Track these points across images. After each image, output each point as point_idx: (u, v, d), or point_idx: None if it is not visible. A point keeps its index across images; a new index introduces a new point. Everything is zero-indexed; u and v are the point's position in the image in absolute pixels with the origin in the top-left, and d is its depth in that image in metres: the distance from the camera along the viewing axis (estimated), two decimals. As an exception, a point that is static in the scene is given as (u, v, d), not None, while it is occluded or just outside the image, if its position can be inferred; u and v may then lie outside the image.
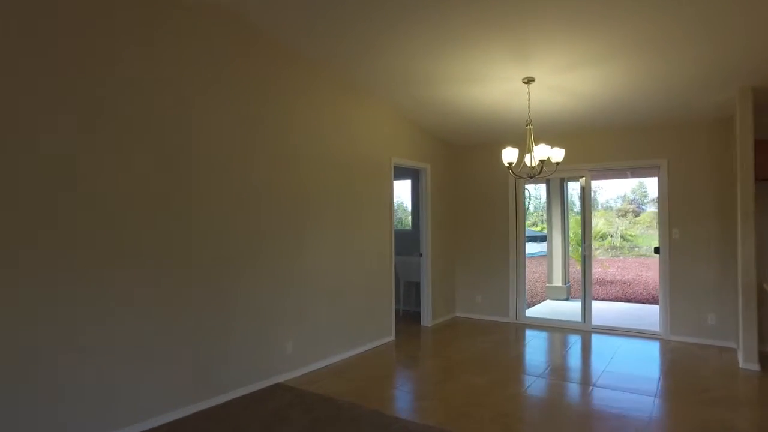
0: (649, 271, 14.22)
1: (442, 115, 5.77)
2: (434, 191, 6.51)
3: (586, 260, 6.22)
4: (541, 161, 4.34)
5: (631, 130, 5.79)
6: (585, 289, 6.22)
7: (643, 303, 8.84)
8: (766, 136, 4.74)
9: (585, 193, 6.16)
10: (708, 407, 3.62)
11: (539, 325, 6.40)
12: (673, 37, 3.73)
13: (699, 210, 5.45)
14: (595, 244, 16.43)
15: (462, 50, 4.07)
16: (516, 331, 6.17)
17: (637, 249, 21.10)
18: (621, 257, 19.23)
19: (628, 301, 9.15)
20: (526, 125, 4.53)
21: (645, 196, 24.07)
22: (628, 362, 4.79)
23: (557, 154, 4.44)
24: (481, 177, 6.82)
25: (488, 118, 5.68)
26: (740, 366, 4.58)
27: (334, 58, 4.44)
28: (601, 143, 5.97)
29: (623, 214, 23.86)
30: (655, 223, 22.81)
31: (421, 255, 6.40)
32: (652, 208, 23.72)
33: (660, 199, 5.67)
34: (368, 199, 5.33)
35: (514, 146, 4.48)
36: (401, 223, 8.49)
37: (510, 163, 4.43)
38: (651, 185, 23.33)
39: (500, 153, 4.54)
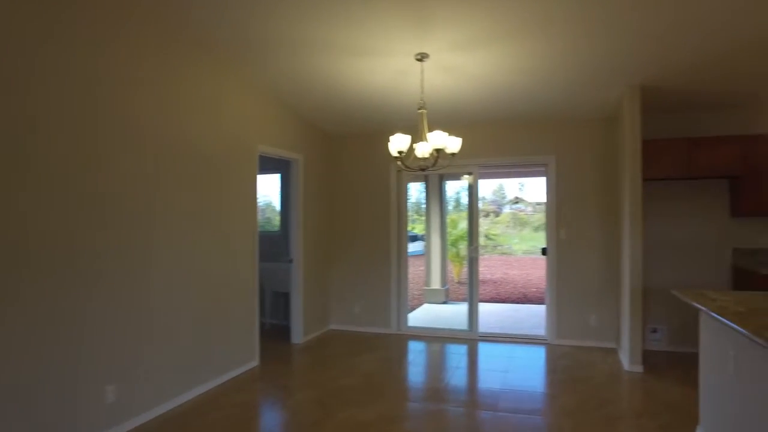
0: (513, 270, 14.81)
1: (319, 97, 4.91)
2: (308, 187, 5.62)
3: (473, 263, 5.81)
4: (437, 151, 3.69)
5: (520, 124, 5.47)
6: (472, 294, 5.79)
7: (517, 303, 8.86)
8: (652, 136, 4.66)
9: (473, 192, 5.74)
10: (613, 425, 3.26)
11: (424, 335, 5.83)
12: (568, 25, 3.40)
13: (586, 209, 5.30)
14: (463, 244, 16.80)
15: (346, 12, 3.27)
16: (400, 344, 5.53)
17: (499, 248, 22.27)
18: (486, 256, 20.07)
19: (503, 301, 9.14)
20: (419, 109, 3.86)
21: (503, 198, 25.63)
22: (523, 376, 4.38)
23: (454, 144, 3.83)
24: (360, 171, 6.09)
25: (374, 102, 4.95)
26: (626, 368, 4.42)
27: (187, 12, 3.35)
28: (491, 137, 5.58)
29: (486, 214, 25.15)
30: (512, 223, 24.44)
31: (291, 260, 5.46)
32: (507, 209, 25.29)
33: (548, 199, 5.43)
34: (228, 194, 4.28)
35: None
36: (270, 223, 7.45)
37: (400, 153, 3.73)
38: (509, 187, 24.89)
39: (383, 144, 3.83)
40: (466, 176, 5.94)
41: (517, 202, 25.47)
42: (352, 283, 6.10)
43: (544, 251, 5.49)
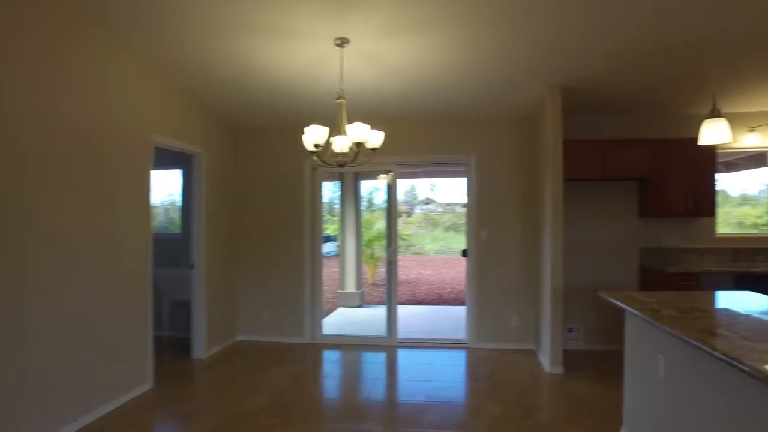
0: (427, 270, 14.92)
1: (226, 85, 4.39)
2: (212, 184, 5.05)
3: (391, 265, 5.55)
4: (356, 145, 3.36)
5: (442, 122, 5.30)
6: (390, 299, 5.54)
7: (433, 305, 8.79)
8: (572, 137, 4.68)
9: (391, 191, 5.48)
10: (544, 439, 3.14)
11: (340, 343, 5.48)
12: (492, 18, 3.27)
13: (506, 210, 5.24)
14: (378, 245, 16.63)
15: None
16: (314, 354, 5.13)
17: (412, 248, 22.52)
18: (400, 256, 20.07)
19: (419, 303, 9.03)
20: (337, 98, 3.51)
21: (415, 198, 26.01)
22: (446, 385, 4.16)
23: (376, 138, 3.53)
24: (272, 168, 5.60)
25: (287, 93, 4.51)
26: (547, 370, 4.39)
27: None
28: (412, 135, 5.35)
29: (399, 215, 25.34)
30: (424, 223, 24.84)
31: (192, 266, 4.87)
32: (419, 210, 25.68)
33: (469, 199, 5.31)
34: (116, 189, 3.64)
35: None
36: (174, 224, 6.68)
37: (317, 146, 3.35)
38: (420, 188, 25.27)
39: (296, 140, 3.45)
40: (384, 175, 5.68)
41: (428, 203, 25.91)
42: (263, 289, 5.60)
43: (464, 253, 5.37)
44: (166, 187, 6.40)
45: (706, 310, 2.49)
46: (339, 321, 7.16)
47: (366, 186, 12.84)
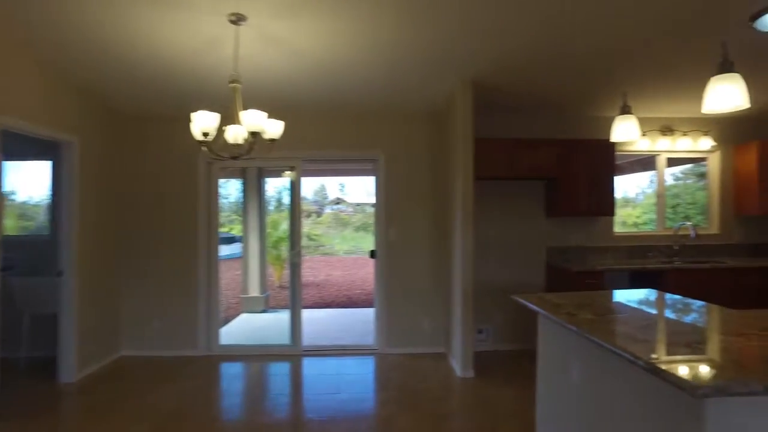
0: (336, 271, 14.61)
1: (102, 61, 3.75)
2: (88, 178, 4.36)
3: (295, 268, 5.17)
4: (252, 135, 2.97)
5: (349, 115, 5.01)
6: (294, 305, 5.15)
7: (342, 308, 8.50)
8: (483, 135, 4.61)
9: (295, 189, 5.10)
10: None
11: (240, 354, 4.99)
12: (403, 4, 3.03)
13: (416, 209, 5.07)
14: (285, 246, 16.13)
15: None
16: (210, 368, 4.61)
17: (322, 248, 22.14)
18: (308, 257, 19.69)
19: (328, 306, 8.69)
20: (231, 82, 3.09)
21: (325, 198, 25.66)
22: (356, 396, 3.87)
23: (274, 127, 3.15)
24: (162, 162, 4.98)
25: (178, 74, 3.97)
26: (458, 375, 4.27)
27: None
28: (317, 129, 5.01)
29: (308, 215, 24.84)
30: (334, 223, 24.54)
31: (60, 273, 4.16)
32: (329, 210, 25.38)
33: (377, 197, 5.07)
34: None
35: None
36: (43, 226, 5.74)
37: (206, 135, 2.91)
38: (330, 187, 24.96)
39: (189, 130, 2.97)
40: (288, 172, 5.29)
41: (338, 203, 25.65)
42: (151, 296, 4.97)
43: (372, 254, 5.13)
44: (33, 181, 5.49)
45: (620, 311, 2.43)
46: (241, 329, 6.64)
47: (275, 184, 12.28)
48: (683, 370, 1.44)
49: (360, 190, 24.09)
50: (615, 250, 5.14)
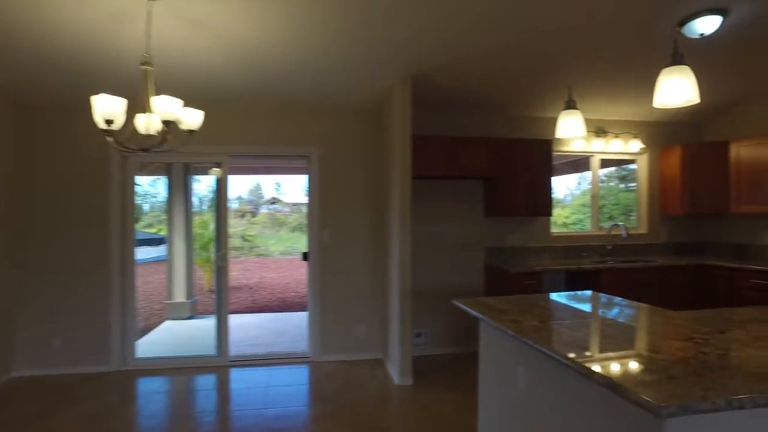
0: (271, 273, 14.12)
1: (-21, 35, 3.23)
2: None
3: (221, 273, 4.78)
4: (166, 124, 2.62)
5: (281, 109, 4.68)
6: (220, 312, 4.76)
7: (276, 312, 8.11)
8: (422, 132, 4.44)
9: (221, 187, 4.71)
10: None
11: (159, 368, 4.54)
12: None
13: (352, 209, 4.83)
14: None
15: None
16: (124, 386, 4.14)
17: (256, 249, 21.47)
18: (242, 258, 19.01)
19: (260, 310, 8.28)
20: (142, 63, 2.71)
21: (261, 197, 24.91)
22: (288, 412, 3.56)
23: (191, 117, 2.81)
24: (69, 155, 4.44)
25: (81, 56, 3.49)
26: (396, 383, 4.07)
27: None
28: (246, 122, 4.65)
29: (242, 214, 24.03)
30: (269, 223, 23.84)
31: (-63, 284, 3.56)
32: (265, 210, 24.68)
33: (310, 196, 4.78)
34: None
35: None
36: None
37: (109, 123, 2.53)
38: (266, 186, 24.25)
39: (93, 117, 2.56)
40: (217, 169, 4.89)
41: (274, 203, 24.97)
42: (54, 306, 4.41)
43: (305, 256, 4.84)
44: None
45: (564, 316, 2.32)
46: (164, 338, 6.13)
47: (207, 182, 11.60)
48: (646, 390, 1.30)
49: (297, 189, 23.54)
50: (552, 250, 5.15)
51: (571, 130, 2.65)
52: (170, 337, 6.21)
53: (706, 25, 3.31)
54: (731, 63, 4.01)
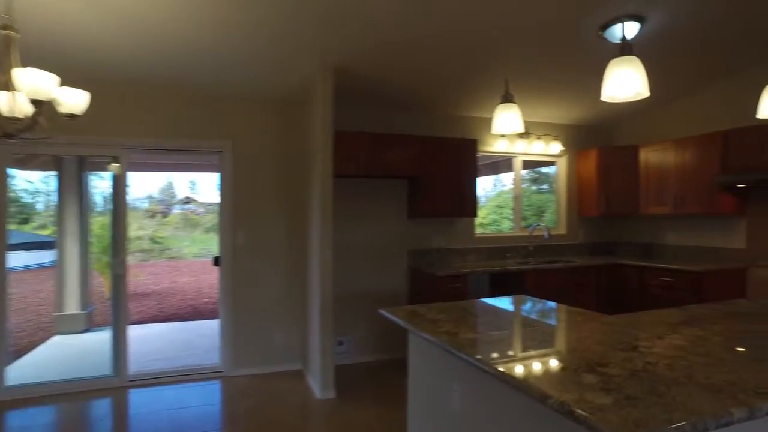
0: (183, 277, 13.21)
1: None
2: None
3: (118, 281, 4.21)
4: (37, 105, 2.15)
5: (191, 98, 4.21)
6: (118, 327, 4.20)
7: (186, 320, 7.48)
8: (346, 128, 4.17)
9: (119, 184, 4.15)
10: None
11: (38, 396, 3.87)
12: None
13: (269, 209, 4.46)
14: (122, 249, 14.07)
15: None
16: (-10, 419, 3.50)
17: (168, 251, 20.17)
18: (152, 261, 17.74)
19: (169, 319, 7.59)
20: (2, 28, 2.21)
21: (173, 197, 23.52)
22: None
23: (72, 97, 2.35)
24: None
25: None
26: (318, 397, 3.77)
27: None
28: (148, 112, 4.13)
29: (152, 215, 22.51)
30: (182, 224, 22.48)
31: None
32: (178, 210, 23.40)
33: (222, 195, 4.36)
34: None
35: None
36: None
37: (-44, 101, 2.02)
38: (180, 185, 22.92)
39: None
40: (115, 165, 4.31)
41: (188, 202, 23.61)
42: None
43: (216, 261, 4.40)
44: None
45: (501, 325, 2.15)
46: (50, 358, 5.36)
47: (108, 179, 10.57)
48: (609, 416, 1.13)
49: (213, 187, 22.40)
50: (476, 251, 5.09)
51: (508, 125, 2.51)
52: (58, 355, 5.46)
53: (627, 30, 3.35)
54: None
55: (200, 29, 3.12)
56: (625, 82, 1.66)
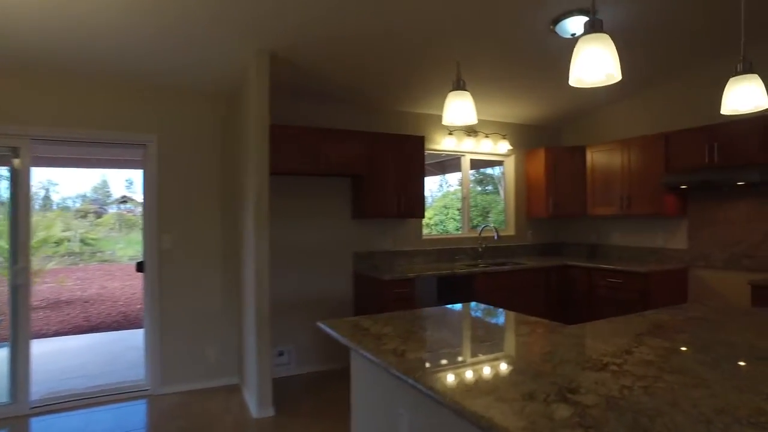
0: (114, 281, 12.35)
1: None
2: None
3: (19, 293, 3.68)
4: None
5: (109, 84, 3.76)
6: (16, 344, 3.67)
7: (114, 330, 6.87)
8: (284, 122, 3.84)
9: (19, 179, 3.62)
10: None
11: None
12: None
13: (198, 209, 4.06)
14: (48, 251, 13.19)
15: None
16: None
17: (100, 254, 18.94)
18: (81, 264, 16.55)
19: (95, 329, 6.95)
20: None
21: (108, 196, 22.17)
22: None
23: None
24: None
25: None
26: (255, 416, 3.42)
27: None
28: (59, 98, 3.63)
29: (84, 215, 21.11)
30: (118, 225, 21.21)
31: None
32: (114, 209, 22.06)
33: (146, 193, 3.92)
34: None
35: None
36: None
37: None
38: (115, 184, 21.60)
39: None
40: (16, 159, 3.77)
41: (125, 201, 22.29)
42: None
43: (140, 266, 3.96)
44: None
45: (454, 343, 1.91)
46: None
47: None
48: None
49: (150, 186, 21.16)
50: (424, 253, 4.89)
51: (461, 115, 2.28)
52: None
53: (577, 25, 3.24)
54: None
55: (122, 12, 2.71)
56: (595, 63, 1.46)
